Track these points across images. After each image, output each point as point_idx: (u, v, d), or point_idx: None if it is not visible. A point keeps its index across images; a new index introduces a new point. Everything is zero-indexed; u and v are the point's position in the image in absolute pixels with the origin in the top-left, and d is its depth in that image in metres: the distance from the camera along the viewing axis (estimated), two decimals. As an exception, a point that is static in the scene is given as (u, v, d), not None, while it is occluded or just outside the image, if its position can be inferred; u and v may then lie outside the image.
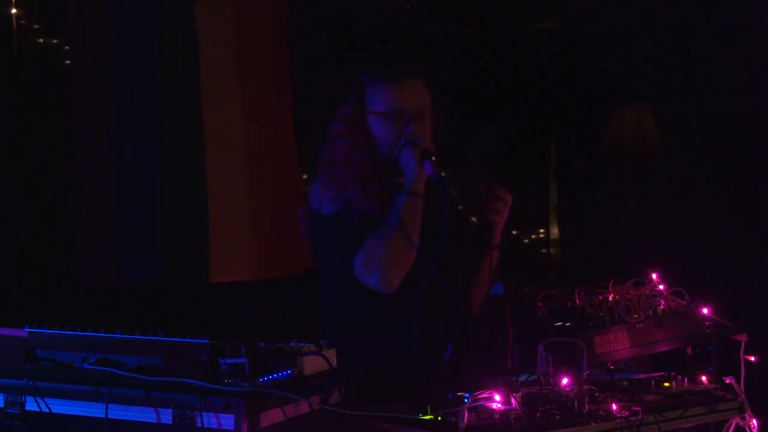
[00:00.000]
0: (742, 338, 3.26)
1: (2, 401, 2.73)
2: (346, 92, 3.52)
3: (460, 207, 3.56)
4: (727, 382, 3.19)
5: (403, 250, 3.33)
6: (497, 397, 2.84)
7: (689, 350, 3.31)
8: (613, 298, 3.23)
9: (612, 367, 3.27)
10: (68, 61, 5.41)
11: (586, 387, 2.95)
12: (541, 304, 3.25)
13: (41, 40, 5.39)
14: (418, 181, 3.39)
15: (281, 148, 5.61)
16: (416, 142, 3.41)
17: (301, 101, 5.66)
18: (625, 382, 3.22)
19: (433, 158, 3.38)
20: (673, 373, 3.25)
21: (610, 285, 3.28)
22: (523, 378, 2.97)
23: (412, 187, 3.39)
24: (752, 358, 3.23)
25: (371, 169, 3.44)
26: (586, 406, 2.91)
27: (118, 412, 2.63)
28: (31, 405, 2.71)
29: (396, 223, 3.32)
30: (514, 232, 6.56)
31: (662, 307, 3.28)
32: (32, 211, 5.31)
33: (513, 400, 2.83)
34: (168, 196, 5.33)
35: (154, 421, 2.61)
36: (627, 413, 2.93)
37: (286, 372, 2.72)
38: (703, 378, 3.25)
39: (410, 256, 3.34)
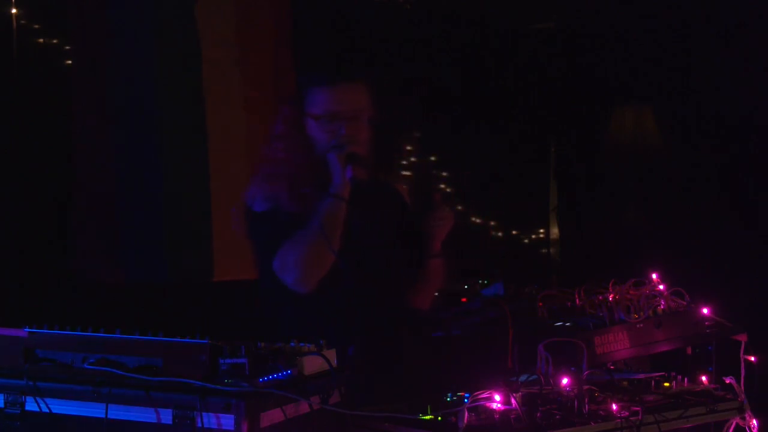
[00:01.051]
0: (742, 338, 3.26)
1: (2, 401, 2.73)
2: (287, 93, 3.62)
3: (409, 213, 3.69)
4: (727, 382, 3.19)
5: (321, 252, 3.36)
6: (497, 397, 2.84)
7: (689, 350, 3.31)
8: (613, 298, 3.23)
9: (612, 367, 3.27)
10: (68, 61, 5.41)
11: (586, 387, 2.95)
12: (541, 304, 3.25)
13: (41, 40, 5.39)
14: (343, 185, 3.40)
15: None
16: (342, 147, 3.43)
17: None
18: (625, 382, 3.22)
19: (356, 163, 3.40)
20: (673, 373, 3.25)
21: (610, 285, 3.28)
22: (523, 378, 2.97)
23: (336, 190, 3.41)
24: (752, 358, 3.23)
25: (306, 170, 3.47)
26: (586, 406, 2.91)
27: (118, 412, 2.63)
28: (31, 405, 2.71)
29: (315, 225, 3.35)
30: (514, 232, 6.57)
31: (662, 307, 3.28)
32: (32, 211, 5.31)
33: (513, 400, 2.83)
34: (171, 196, 5.35)
35: (154, 421, 2.61)
36: (627, 413, 2.93)
37: (286, 372, 2.72)
38: (703, 378, 3.25)
39: (328, 258, 3.37)
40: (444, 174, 6.44)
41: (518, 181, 6.47)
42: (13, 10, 5.29)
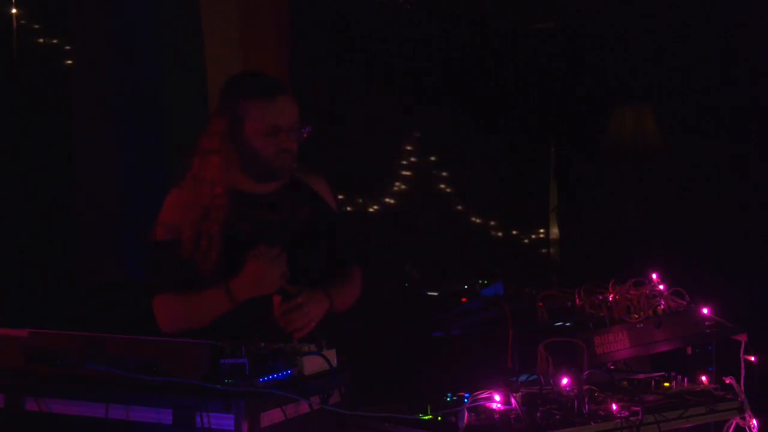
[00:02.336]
0: (742, 338, 3.26)
1: (2, 401, 2.73)
2: (220, 107, 3.53)
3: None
4: (727, 382, 3.19)
5: (201, 321, 3.34)
6: (497, 397, 2.84)
7: (689, 350, 3.31)
8: (613, 298, 3.23)
9: (612, 367, 3.27)
10: (68, 61, 5.42)
11: (586, 387, 2.95)
12: (541, 304, 3.25)
13: (41, 40, 5.39)
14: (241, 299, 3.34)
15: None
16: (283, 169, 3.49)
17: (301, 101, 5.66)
18: (625, 382, 3.22)
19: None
20: (673, 373, 3.25)
21: (610, 285, 3.28)
22: (523, 378, 2.97)
23: (234, 295, 3.35)
24: (752, 358, 3.23)
25: (229, 190, 3.47)
26: (586, 406, 2.91)
27: (118, 412, 2.63)
28: (31, 405, 2.71)
29: (203, 311, 3.34)
30: (514, 232, 6.57)
31: (662, 307, 3.28)
32: (32, 212, 5.31)
33: (513, 400, 2.83)
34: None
35: (154, 421, 2.61)
36: (627, 413, 2.93)
37: (286, 372, 2.72)
38: (703, 378, 3.25)
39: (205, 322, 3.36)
40: (444, 174, 6.45)
41: (518, 181, 6.48)
42: (13, 10, 5.29)
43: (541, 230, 6.60)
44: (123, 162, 5.37)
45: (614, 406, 2.95)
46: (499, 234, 6.54)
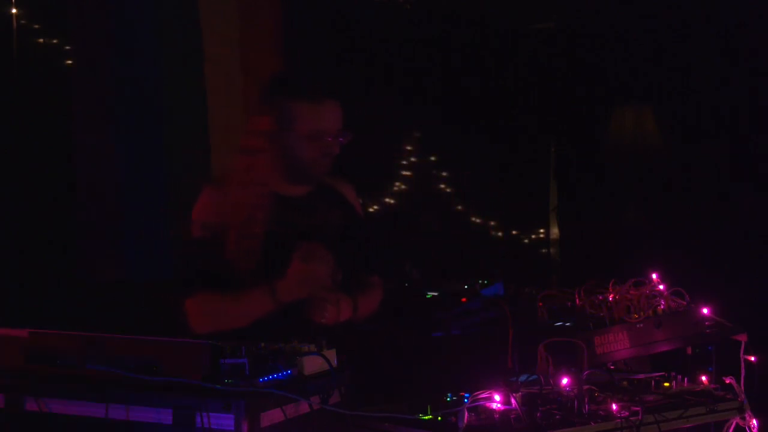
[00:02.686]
0: (742, 338, 3.26)
1: (2, 401, 2.73)
2: (264, 105, 3.49)
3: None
4: (727, 382, 3.19)
5: (234, 324, 3.32)
6: (497, 397, 2.84)
7: (689, 350, 3.31)
8: (613, 298, 3.23)
9: (612, 367, 3.27)
10: (68, 61, 5.42)
11: (586, 387, 2.95)
12: (541, 304, 3.25)
13: (41, 40, 5.39)
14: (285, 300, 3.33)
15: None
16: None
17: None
18: (625, 382, 3.22)
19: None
20: (673, 373, 3.25)
21: (610, 285, 3.27)
22: (523, 378, 2.97)
23: (279, 296, 3.34)
24: (752, 358, 3.23)
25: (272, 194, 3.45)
26: (586, 406, 2.91)
27: (118, 412, 2.63)
28: (31, 405, 2.71)
29: (244, 311, 3.33)
30: (514, 232, 6.57)
31: (662, 307, 3.28)
32: (32, 212, 5.31)
33: (513, 400, 2.83)
34: (173, 195, 5.35)
35: (154, 421, 2.61)
36: (627, 413, 2.93)
37: (286, 372, 2.72)
38: (703, 378, 3.24)
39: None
40: (444, 174, 6.45)
41: (518, 181, 6.48)
42: (13, 10, 5.29)
43: (541, 230, 6.60)
44: (123, 162, 5.37)
45: (614, 406, 2.95)
46: (499, 234, 6.54)
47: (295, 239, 3.38)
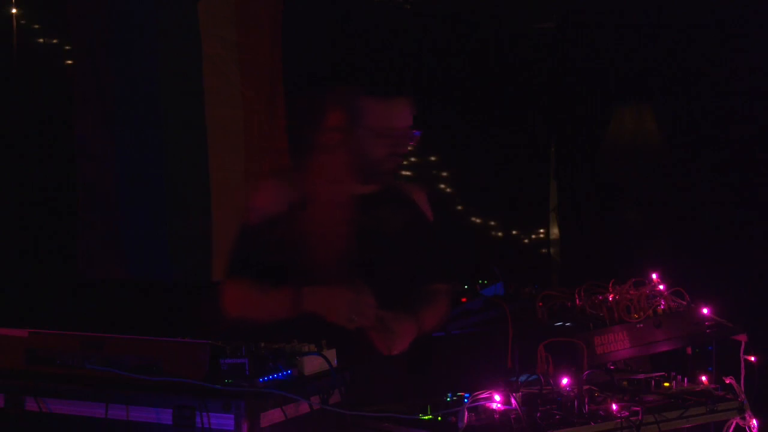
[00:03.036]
0: (742, 338, 3.26)
1: (2, 401, 2.73)
2: (334, 99, 3.44)
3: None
4: (727, 382, 3.19)
5: (257, 316, 3.32)
6: (497, 397, 2.84)
7: (689, 350, 3.31)
8: (613, 298, 3.23)
9: (612, 367, 3.27)
10: (68, 61, 5.42)
11: (586, 387, 2.95)
12: (541, 304, 3.24)
13: (41, 40, 5.39)
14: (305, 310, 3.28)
15: (279, 147, 5.63)
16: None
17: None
18: (625, 382, 3.22)
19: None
20: (673, 373, 3.25)
21: (610, 285, 3.27)
22: (523, 378, 2.97)
23: (302, 302, 3.29)
24: (752, 358, 3.23)
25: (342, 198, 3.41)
26: (586, 406, 2.91)
27: (118, 412, 2.63)
28: (31, 405, 2.71)
29: (268, 306, 3.32)
30: (514, 232, 6.57)
31: (662, 307, 3.28)
32: (32, 212, 5.31)
33: (513, 400, 2.83)
34: (172, 194, 5.36)
35: (154, 421, 2.60)
36: (627, 413, 2.93)
37: (286, 372, 2.72)
38: (703, 378, 3.25)
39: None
40: (444, 174, 6.44)
41: (518, 181, 6.48)
42: (13, 10, 5.29)
43: (541, 230, 6.60)
44: (123, 162, 5.37)
45: (614, 406, 2.95)
46: (499, 234, 6.53)
47: (351, 240, 3.33)
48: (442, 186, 6.45)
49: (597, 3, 6.16)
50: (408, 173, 6.40)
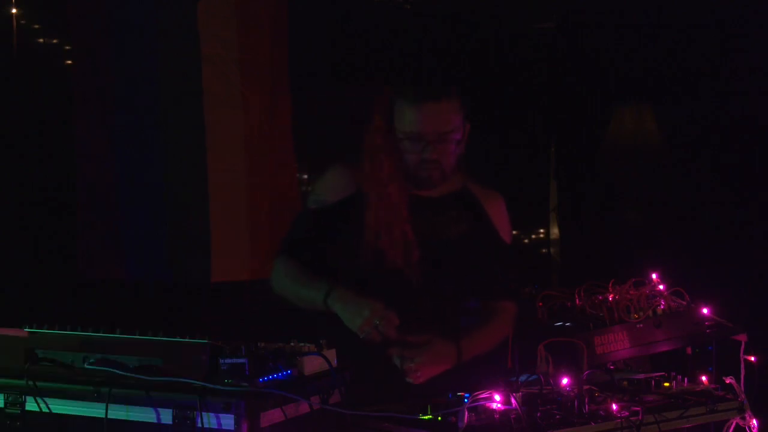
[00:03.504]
0: (742, 338, 3.26)
1: (2, 401, 2.73)
2: (378, 99, 3.40)
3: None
4: (727, 382, 3.18)
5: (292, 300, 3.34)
6: (497, 397, 2.84)
7: (689, 350, 3.31)
8: (613, 298, 3.23)
9: (612, 367, 3.27)
10: (68, 61, 5.41)
11: (586, 387, 2.95)
12: (541, 304, 3.24)
13: (41, 40, 5.39)
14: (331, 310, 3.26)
15: (279, 148, 5.63)
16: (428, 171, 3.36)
17: (300, 102, 5.67)
18: (625, 382, 3.21)
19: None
20: (673, 373, 3.25)
21: (610, 285, 3.27)
22: (523, 378, 2.97)
23: (330, 303, 3.27)
24: (752, 358, 3.23)
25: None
26: (586, 406, 2.91)
27: (118, 412, 2.63)
28: (31, 405, 2.71)
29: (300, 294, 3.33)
30: (514, 232, 6.56)
31: (662, 307, 3.27)
32: (32, 212, 5.31)
33: (513, 400, 2.83)
34: (171, 195, 5.36)
35: (154, 421, 2.61)
36: (627, 413, 2.93)
37: (286, 372, 2.72)
38: (703, 378, 3.24)
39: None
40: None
41: (518, 181, 6.47)
42: (13, 10, 5.29)
43: (541, 230, 6.60)
44: (123, 161, 5.37)
45: (614, 406, 2.95)
46: (500, 234, 6.52)
47: (404, 241, 3.29)
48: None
49: (597, 3, 6.16)
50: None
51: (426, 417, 2.86)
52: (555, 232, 6.58)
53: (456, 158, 3.38)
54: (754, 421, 3.15)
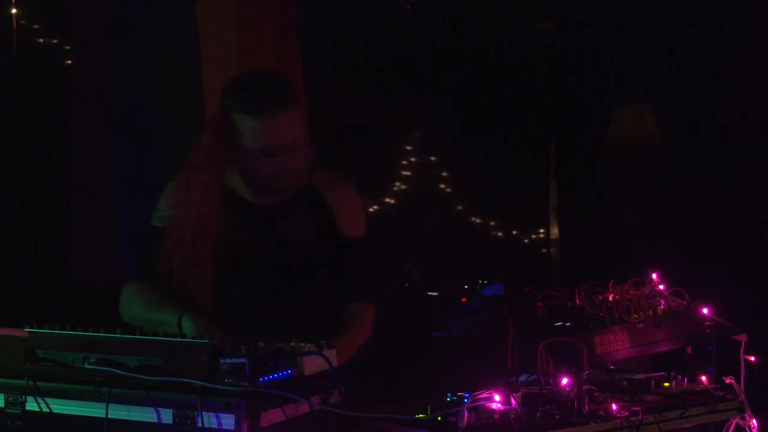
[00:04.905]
0: (742, 338, 3.26)
1: (3, 401, 2.73)
2: (215, 116, 3.27)
3: None
4: (727, 382, 3.19)
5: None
6: (497, 397, 2.84)
7: (689, 350, 3.31)
8: (613, 298, 3.23)
9: (612, 367, 3.27)
10: (68, 61, 5.42)
11: (586, 387, 2.95)
12: (541, 304, 3.25)
13: (41, 40, 5.40)
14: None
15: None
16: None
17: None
18: (625, 382, 3.22)
19: None
20: (673, 373, 3.25)
21: (610, 285, 3.27)
22: (522, 378, 2.97)
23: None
24: (752, 358, 3.23)
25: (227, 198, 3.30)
26: (586, 406, 2.91)
27: (119, 412, 2.63)
28: (31, 405, 2.71)
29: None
30: (514, 232, 6.57)
31: (662, 307, 3.28)
32: (32, 212, 5.32)
33: (513, 400, 2.83)
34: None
35: (155, 421, 2.60)
36: (627, 413, 2.93)
37: (286, 372, 2.72)
38: (703, 378, 3.24)
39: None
40: (444, 174, 6.45)
41: (518, 181, 6.48)
42: (13, 10, 5.29)
43: (541, 230, 6.60)
44: (121, 162, 5.37)
45: (614, 406, 2.95)
46: (499, 234, 6.54)
47: (256, 251, 3.23)
48: (442, 186, 6.45)
49: (597, 3, 6.16)
50: (408, 173, 6.40)
51: (426, 417, 2.87)
52: (555, 232, 6.59)
53: (305, 160, 3.25)
54: (754, 421, 3.15)
